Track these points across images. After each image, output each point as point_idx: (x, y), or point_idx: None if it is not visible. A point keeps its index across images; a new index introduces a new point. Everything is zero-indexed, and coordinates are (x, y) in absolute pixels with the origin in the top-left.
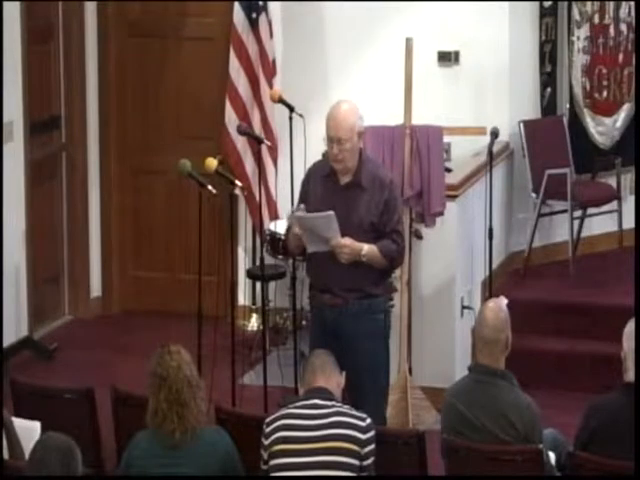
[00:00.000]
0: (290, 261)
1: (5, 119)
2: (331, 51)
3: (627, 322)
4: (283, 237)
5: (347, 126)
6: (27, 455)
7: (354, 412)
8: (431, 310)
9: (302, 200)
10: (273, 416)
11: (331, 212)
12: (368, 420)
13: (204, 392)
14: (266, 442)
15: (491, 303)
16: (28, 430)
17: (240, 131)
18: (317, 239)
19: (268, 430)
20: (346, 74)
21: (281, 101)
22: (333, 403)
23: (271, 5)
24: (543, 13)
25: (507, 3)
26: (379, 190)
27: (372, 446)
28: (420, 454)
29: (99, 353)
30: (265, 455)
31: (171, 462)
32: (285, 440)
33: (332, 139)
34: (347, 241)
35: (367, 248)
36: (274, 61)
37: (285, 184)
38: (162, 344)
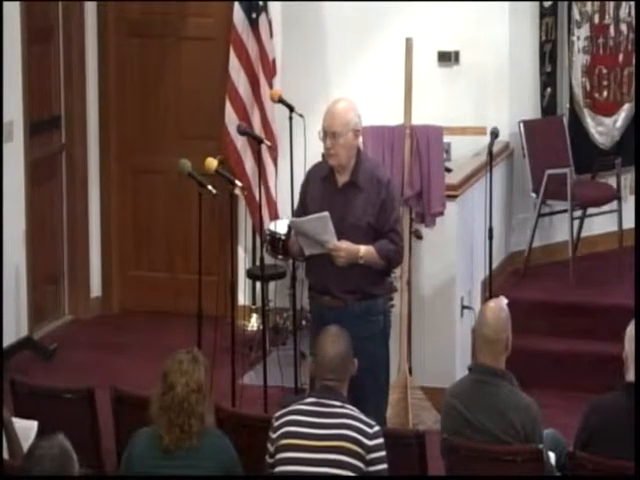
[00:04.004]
0: (290, 261)
1: (5, 119)
2: (331, 51)
3: (627, 322)
4: (283, 237)
5: (342, 120)
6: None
7: (363, 417)
8: (431, 310)
9: (301, 202)
10: (283, 411)
11: (325, 213)
12: (376, 428)
13: (210, 401)
14: (273, 435)
15: (492, 303)
16: (25, 430)
17: (240, 131)
18: (314, 242)
19: (277, 424)
20: (346, 74)
21: (281, 101)
22: (343, 405)
23: (271, 5)
24: (543, 13)
25: (507, 3)
26: (376, 190)
27: (380, 453)
28: (420, 454)
29: (99, 353)
30: (272, 448)
31: (170, 464)
32: (291, 435)
33: (326, 132)
34: (343, 244)
35: (364, 250)
36: (274, 61)
37: (285, 184)
38: (187, 349)
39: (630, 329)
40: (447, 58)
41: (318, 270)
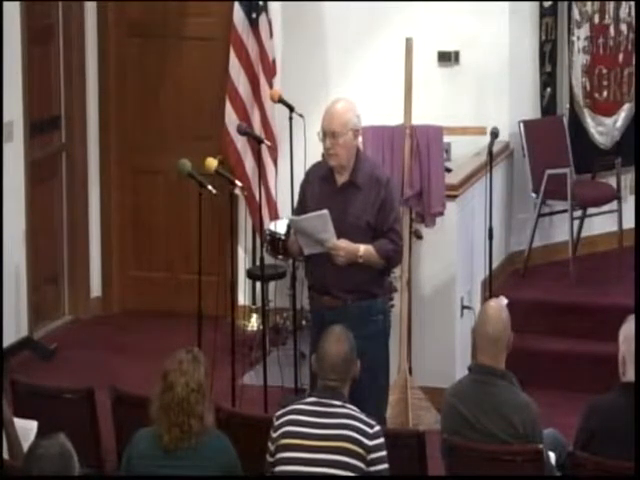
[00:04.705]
0: (290, 261)
1: (5, 119)
2: (331, 51)
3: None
4: (283, 237)
5: (341, 121)
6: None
7: (364, 417)
8: (431, 310)
9: (301, 201)
10: (284, 410)
11: (325, 211)
12: (377, 427)
13: (210, 401)
14: (274, 435)
15: (492, 302)
16: (25, 430)
17: (240, 131)
18: (313, 241)
19: (277, 423)
20: (346, 74)
21: (281, 101)
22: (344, 404)
23: (271, 5)
24: (543, 13)
25: (507, 3)
26: (375, 189)
27: (381, 453)
28: (420, 454)
29: (99, 353)
30: (272, 447)
31: (170, 464)
32: (292, 435)
33: (326, 132)
34: (343, 243)
35: (363, 249)
36: (274, 61)
37: (285, 184)
38: (187, 349)
39: (625, 330)
40: (447, 58)
41: (318, 270)
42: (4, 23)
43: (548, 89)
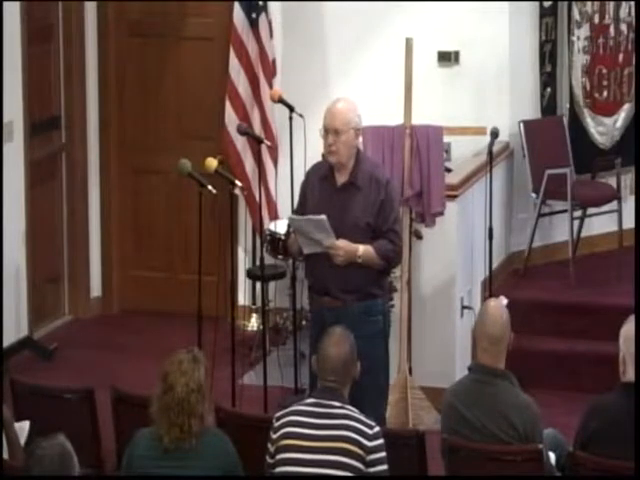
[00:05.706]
0: (290, 261)
1: (5, 119)
2: (331, 51)
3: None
4: (283, 237)
5: (343, 118)
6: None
7: (363, 418)
8: (431, 310)
9: (301, 202)
10: (283, 411)
11: (323, 217)
12: (376, 429)
13: (210, 401)
14: (274, 436)
15: (492, 302)
16: (18, 430)
17: (240, 131)
18: (312, 241)
19: (277, 424)
20: (346, 74)
21: (281, 101)
22: (343, 405)
23: (271, 5)
24: (543, 13)
25: (507, 3)
26: (375, 190)
27: (380, 454)
28: (420, 454)
29: (99, 353)
30: (272, 448)
31: (170, 464)
32: (291, 435)
33: (327, 129)
34: (342, 243)
35: (362, 249)
36: (274, 61)
37: (285, 184)
38: (187, 349)
39: (625, 330)
40: (447, 58)
41: (317, 271)
42: (4, 23)
43: (548, 89)
